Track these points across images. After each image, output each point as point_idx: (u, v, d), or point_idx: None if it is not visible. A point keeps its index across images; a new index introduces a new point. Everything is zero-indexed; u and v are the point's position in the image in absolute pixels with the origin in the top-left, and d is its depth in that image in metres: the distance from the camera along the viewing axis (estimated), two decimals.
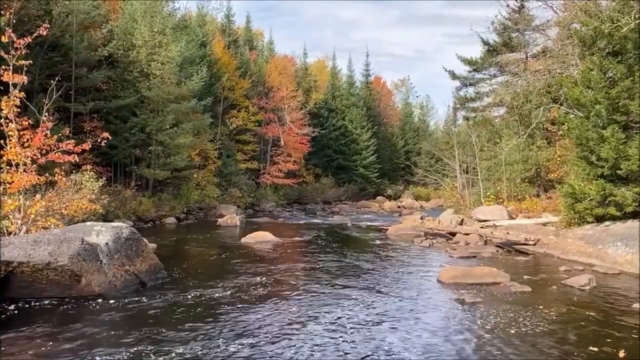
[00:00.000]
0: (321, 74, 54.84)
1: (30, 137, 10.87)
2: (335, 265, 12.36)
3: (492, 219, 18.40)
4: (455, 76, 30.91)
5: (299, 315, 7.72)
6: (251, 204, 34.31)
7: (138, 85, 24.67)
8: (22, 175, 10.68)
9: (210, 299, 8.60)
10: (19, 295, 8.04)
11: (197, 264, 12.81)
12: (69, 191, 13.73)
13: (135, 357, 5.78)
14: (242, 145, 36.91)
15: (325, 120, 48.13)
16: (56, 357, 5.79)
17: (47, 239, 8.44)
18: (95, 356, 5.78)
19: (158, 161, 25.36)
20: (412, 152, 58.35)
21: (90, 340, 6.40)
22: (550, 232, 15.38)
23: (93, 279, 8.36)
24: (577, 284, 9.83)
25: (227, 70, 35.01)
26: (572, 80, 16.33)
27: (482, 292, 9.26)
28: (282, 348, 6.22)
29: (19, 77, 10.78)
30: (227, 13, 41.75)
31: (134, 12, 26.57)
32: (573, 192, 14.00)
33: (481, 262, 12.69)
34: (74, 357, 5.77)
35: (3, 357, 5.77)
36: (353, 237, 19.57)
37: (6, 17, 12.41)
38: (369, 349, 6.27)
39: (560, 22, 20.50)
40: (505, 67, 26.78)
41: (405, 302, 8.59)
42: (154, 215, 23.29)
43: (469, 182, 24.89)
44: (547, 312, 7.89)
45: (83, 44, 22.24)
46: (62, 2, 21.53)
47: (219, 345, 6.26)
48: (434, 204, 41.21)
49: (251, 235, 16.97)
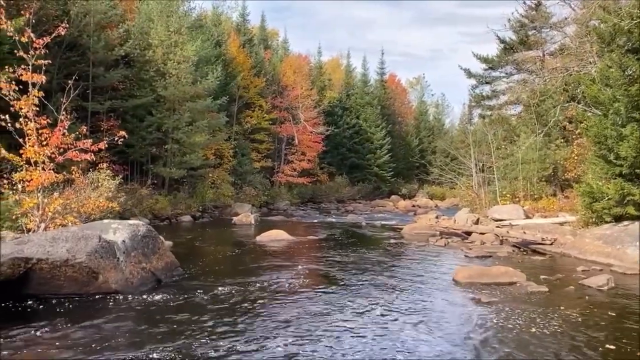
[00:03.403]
0: (335, 72, 54.76)
1: (49, 136, 11.02)
2: (350, 264, 12.35)
3: (508, 218, 18.24)
4: (471, 74, 30.77)
5: (316, 313, 7.72)
6: (265, 203, 34.39)
7: (154, 85, 24.86)
8: (41, 173, 10.83)
9: (226, 296, 8.65)
10: (38, 292, 8.14)
11: (212, 261, 12.88)
12: (86, 189, 13.92)
13: (153, 353, 5.83)
14: (257, 144, 37.01)
15: (340, 118, 48.02)
16: (75, 352, 5.86)
17: (65, 236, 8.55)
18: (114, 352, 5.84)
19: (174, 160, 25.55)
20: (427, 150, 58.06)
21: (109, 336, 6.47)
22: (567, 232, 15.20)
23: (110, 276, 8.45)
24: (595, 284, 9.71)
25: (242, 70, 35.12)
26: (590, 78, 16.13)
27: (498, 291, 9.19)
28: (301, 344, 6.24)
29: (38, 76, 10.93)
30: (242, 12, 41.91)
31: (150, 12, 26.78)
32: (591, 191, 13.83)
33: (497, 261, 12.59)
34: (93, 353, 5.83)
35: (23, 352, 5.86)
36: (367, 236, 19.53)
37: (25, 17, 12.57)
38: (388, 346, 6.27)
39: (578, 19, 20.26)
40: (522, 65, 26.57)
41: (421, 301, 8.56)
42: (170, 214, 23.47)
43: (484, 181, 24.66)
44: (564, 312, 7.81)
45: (100, 43, 22.46)
46: (80, 2, 21.76)
47: (237, 341, 6.29)
48: (449, 203, 40.94)
49: (266, 234, 17.02)
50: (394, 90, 61.23)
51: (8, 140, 11.84)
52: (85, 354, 5.81)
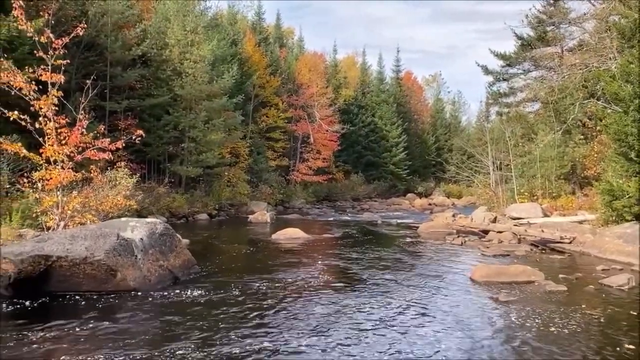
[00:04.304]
0: (351, 70, 54.61)
1: (68, 135, 11.17)
2: (366, 262, 12.32)
3: (526, 216, 18.03)
4: (488, 71, 30.49)
5: (334, 310, 7.71)
6: (281, 201, 34.47)
7: (171, 84, 25.07)
8: (60, 172, 10.98)
9: (243, 294, 8.67)
10: (58, 289, 8.26)
11: (229, 259, 12.94)
12: (104, 188, 14.07)
13: (174, 350, 5.86)
14: (272, 143, 37.12)
15: (355, 116, 47.89)
16: (95, 349, 5.91)
17: (84, 234, 8.66)
18: (135, 349, 5.89)
19: (190, 158, 25.74)
20: (443, 148, 57.67)
21: (129, 333, 6.52)
22: (586, 231, 14.97)
23: (128, 273, 8.53)
24: (615, 283, 9.55)
25: (258, 68, 35.24)
26: (610, 74, 15.86)
27: (516, 290, 9.09)
28: (321, 342, 6.23)
29: (57, 76, 11.08)
30: (258, 11, 42.02)
31: (166, 12, 27.01)
32: (611, 189, 13.62)
33: (515, 260, 12.46)
34: (112, 350, 5.88)
35: (44, 348, 5.94)
36: (383, 234, 19.47)
37: (45, 18, 12.74)
38: (408, 344, 6.25)
39: (598, 14, 19.98)
40: (540, 62, 26.27)
41: (439, 300, 8.51)
42: (186, 212, 23.65)
43: (502, 179, 24.42)
44: (583, 312, 7.70)
45: (117, 43, 22.71)
46: (98, 3, 22.03)
47: (256, 338, 6.31)
48: (465, 202, 40.66)
49: (281, 232, 17.06)
50: (410, 87, 60.94)
51: (28, 140, 12.05)
52: (107, 350, 5.86)
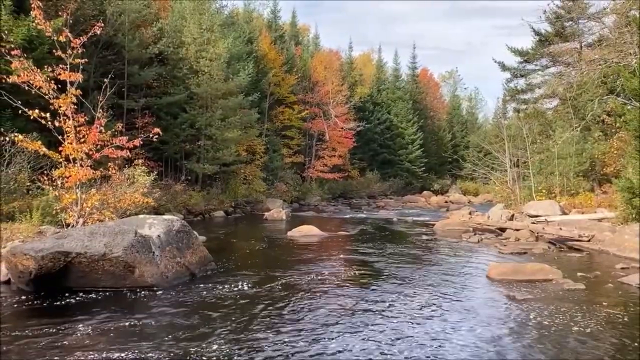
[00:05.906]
0: (366, 67, 54.46)
1: (86, 133, 11.32)
2: (382, 259, 12.30)
3: (544, 214, 17.86)
4: (506, 67, 30.21)
5: (351, 307, 7.73)
6: (297, 198, 34.55)
7: (187, 82, 25.23)
8: (79, 170, 11.13)
9: (259, 290, 8.72)
10: (77, 285, 8.39)
11: (245, 256, 13.01)
12: (122, 185, 14.23)
13: (193, 347, 5.92)
14: (288, 140, 37.20)
15: (371, 114, 47.73)
16: (116, 345, 5.99)
17: (103, 231, 8.78)
18: (153, 346, 5.96)
19: (207, 156, 25.90)
20: (459, 145, 57.25)
21: (148, 329, 6.60)
22: (605, 228, 14.78)
23: (146, 270, 8.62)
24: (634, 282, 9.43)
25: (273, 66, 35.28)
26: (630, 69, 15.62)
27: (533, 289, 9.01)
28: (339, 339, 6.25)
29: (76, 75, 11.23)
30: (273, 9, 42.07)
31: (183, 10, 27.18)
32: (631, 186, 13.43)
33: (532, 258, 12.36)
34: (135, 345, 5.96)
35: (64, 343, 6.04)
36: (399, 232, 19.42)
37: (63, 18, 12.91)
38: (426, 341, 6.25)
39: (618, 9, 19.66)
40: (558, 58, 25.95)
41: (455, 298, 8.47)
42: (203, 209, 23.80)
43: (519, 176, 24.18)
44: (601, 310, 7.61)
45: (135, 42, 22.93)
46: (115, 2, 22.24)
47: (274, 334, 6.35)
48: (482, 199, 40.36)
49: (297, 229, 17.12)
50: (426, 84, 60.57)
51: (48, 138, 12.25)
52: (126, 345, 5.94)
